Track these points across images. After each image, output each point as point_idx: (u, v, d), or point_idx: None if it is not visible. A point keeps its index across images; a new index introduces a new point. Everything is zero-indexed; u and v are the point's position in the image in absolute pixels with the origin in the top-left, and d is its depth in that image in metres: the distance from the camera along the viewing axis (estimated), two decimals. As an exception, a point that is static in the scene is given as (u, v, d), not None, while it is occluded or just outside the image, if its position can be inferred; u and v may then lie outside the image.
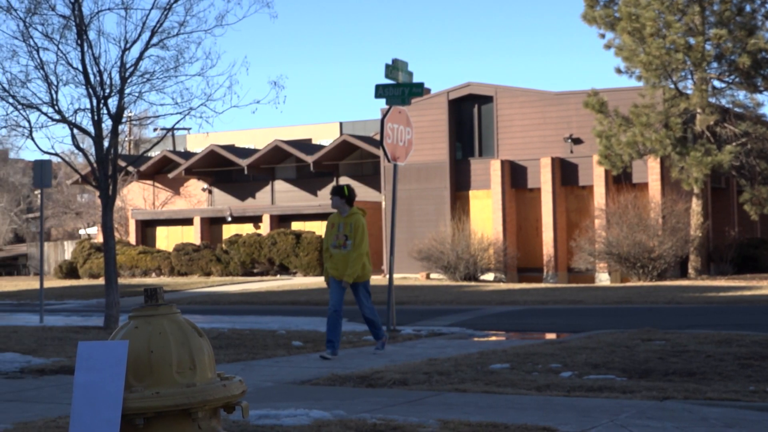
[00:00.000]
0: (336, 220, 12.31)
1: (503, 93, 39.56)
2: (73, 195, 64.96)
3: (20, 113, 17.27)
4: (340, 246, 12.14)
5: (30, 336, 14.84)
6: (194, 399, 3.82)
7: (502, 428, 6.42)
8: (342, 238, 12.13)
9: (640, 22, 33.54)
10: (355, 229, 12.12)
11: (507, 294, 27.65)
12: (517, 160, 39.22)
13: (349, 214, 12.24)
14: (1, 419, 7.01)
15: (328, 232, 12.33)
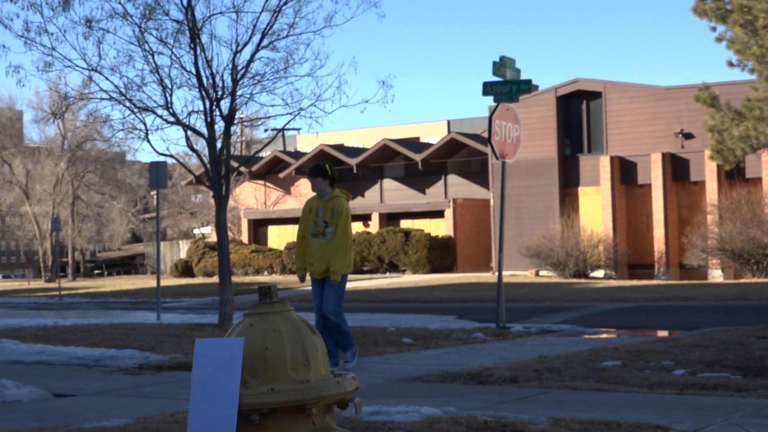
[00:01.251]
0: (314, 204, 10.69)
1: (612, 88, 39.01)
2: (187, 195, 66.42)
3: (137, 116, 17.77)
4: (320, 234, 10.52)
5: (148, 333, 15.23)
6: (308, 395, 3.90)
7: (615, 426, 6.37)
8: (321, 225, 10.53)
9: (752, 14, 32.65)
10: (338, 213, 10.49)
11: (617, 291, 27.28)
12: (627, 156, 38.63)
13: (330, 197, 10.61)
14: (122, 414, 7.23)
15: (305, 218, 10.71)
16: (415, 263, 43.60)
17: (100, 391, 9.07)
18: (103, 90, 17.74)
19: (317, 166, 10.68)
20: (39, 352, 12.37)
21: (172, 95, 17.57)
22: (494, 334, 14.46)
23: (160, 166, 22.13)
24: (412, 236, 44.06)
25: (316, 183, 10.60)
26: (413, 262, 43.67)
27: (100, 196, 66.72)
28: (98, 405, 8.13)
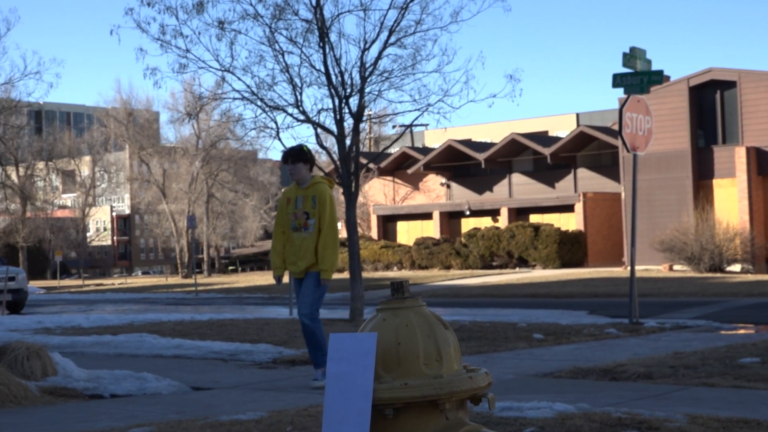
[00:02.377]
0: (292, 193, 9.18)
1: (747, 77, 37.84)
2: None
3: (268, 115, 18.10)
4: (301, 227, 9.03)
5: (281, 328, 15.49)
6: (442, 390, 3.92)
7: (754, 425, 6.20)
8: (302, 217, 9.02)
9: None
10: (320, 202, 8.97)
11: (755, 285, 26.47)
12: (764, 147, 37.42)
13: (309, 184, 9.11)
14: (257, 407, 7.37)
15: (282, 210, 9.24)
16: (545, 258, 43.20)
17: (236, 385, 9.26)
18: (235, 90, 18.17)
19: (296, 149, 9.20)
20: (177, 346, 12.71)
21: (302, 94, 17.85)
22: (627, 329, 14.22)
23: (291, 163, 22.41)
24: (542, 231, 43.67)
25: (297, 169, 9.09)
26: (543, 257, 43.28)
27: (233, 193, 68.19)
28: (234, 398, 8.31)
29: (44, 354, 9.22)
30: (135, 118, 70.81)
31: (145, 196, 76.65)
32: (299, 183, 9.13)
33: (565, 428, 6.03)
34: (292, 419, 6.50)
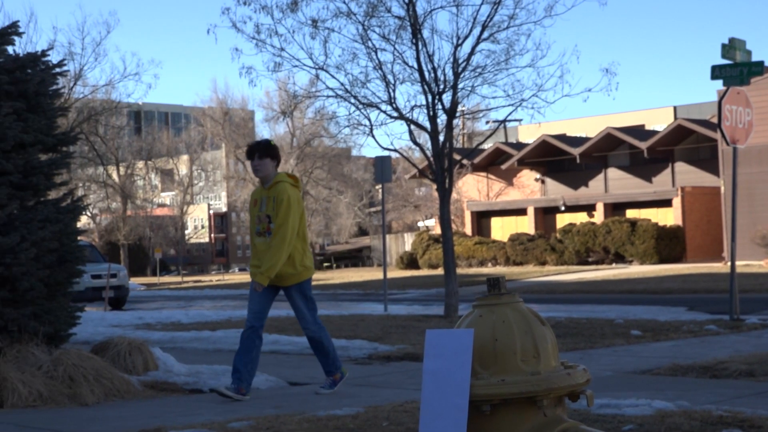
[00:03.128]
0: (258, 194, 8.38)
1: None
2: (411, 189, 67.39)
3: (361, 112, 18.19)
4: (264, 232, 8.20)
5: (376, 324, 15.57)
6: (539, 387, 3.90)
7: None
8: (265, 221, 8.20)
9: None
10: (278, 204, 8.11)
11: None
12: None
13: (272, 183, 8.25)
14: (353, 402, 7.43)
15: (251, 213, 8.44)
16: (642, 254, 42.57)
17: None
18: (329, 88, 18.30)
19: (262, 143, 8.39)
20: (274, 342, 12.87)
21: (395, 90, 17.89)
22: (728, 326, 13.93)
23: (384, 160, 22.57)
24: (639, 226, 43.04)
25: (263, 165, 8.24)
26: (640, 252, 42.66)
27: (327, 191, 68.74)
28: (330, 394, 8.38)
29: (145, 349, 9.44)
30: (231, 117, 71.87)
31: (241, 194, 77.71)
32: (263, 182, 8.29)
33: (664, 426, 5.94)
34: (388, 415, 6.54)
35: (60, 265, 9.18)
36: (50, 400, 7.61)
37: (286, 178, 8.27)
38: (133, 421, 6.75)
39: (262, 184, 8.31)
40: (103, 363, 8.38)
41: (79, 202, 9.72)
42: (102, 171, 64.22)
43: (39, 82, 9.09)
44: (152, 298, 36.46)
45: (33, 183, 8.92)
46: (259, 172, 8.23)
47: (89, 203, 62.37)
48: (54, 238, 8.88)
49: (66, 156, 9.69)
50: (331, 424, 6.21)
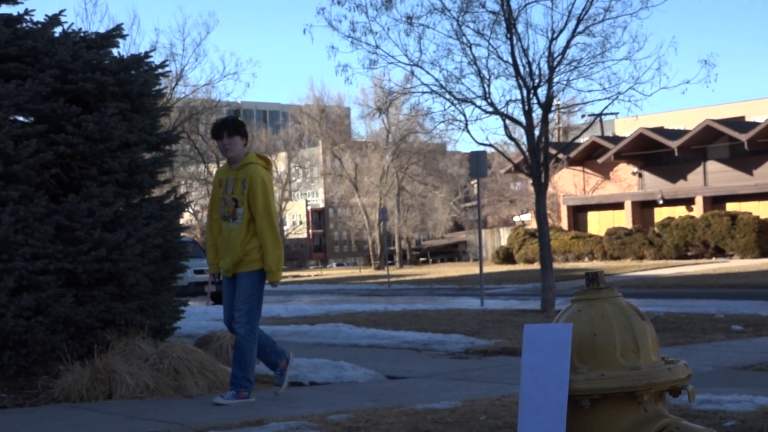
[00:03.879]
0: (224, 174, 7.74)
1: None
2: (506, 183, 67.06)
3: (456, 108, 18.21)
4: (228, 217, 7.60)
5: (472, 318, 15.58)
6: (640, 382, 3.89)
7: None
8: (231, 204, 7.59)
9: None
10: (251, 188, 7.51)
11: None
12: None
13: (242, 164, 7.63)
14: (451, 396, 7.46)
15: (215, 195, 7.82)
16: (743, 247, 41.64)
17: (430, 374, 9.38)
18: (424, 84, 18.35)
19: (231, 120, 7.68)
20: (372, 336, 12.97)
21: (490, 85, 17.89)
22: (834, 322, 13.58)
23: (479, 155, 22.54)
24: (740, 219, 42.11)
25: (233, 144, 7.59)
26: (741, 246, 41.74)
27: (423, 186, 68.82)
28: (428, 387, 8.42)
29: (247, 343, 9.59)
30: (327, 114, 72.47)
31: (338, 190, 78.33)
32: (231, 162, 7.63)
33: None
34: (486, 409, 6.55)
35: (164, 261, 9.43)
36: (156, 392, 7.81)
37: (256, 158, 7.66)
38: (235, 412, 6.89)
39: (229, 164, 7.65)
40: (206, 356, 8.56)
41: (182, 200, 9.96)
42: (203, 168, 65.39)
43: (142, 83, 9.34)
44: (251, 293, 36.85)
45: (138, 181, 9.17)
46: (228, 152, 7.57)
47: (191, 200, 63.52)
48: (158, 234, 9.11)
49: (169, 154, 9.94)
50: (429, 417, 6.24)
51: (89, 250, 8.42)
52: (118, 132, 8.77)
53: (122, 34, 9.67)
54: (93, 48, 9.28)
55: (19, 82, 8.46)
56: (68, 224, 8.36)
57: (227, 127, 7.56)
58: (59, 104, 8.54)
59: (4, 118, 8.28)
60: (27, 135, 8.38)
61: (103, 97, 8.93)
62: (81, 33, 9.51)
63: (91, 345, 8.39)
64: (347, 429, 5.85)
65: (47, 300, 8.09)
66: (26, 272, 7.99)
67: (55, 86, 8.65)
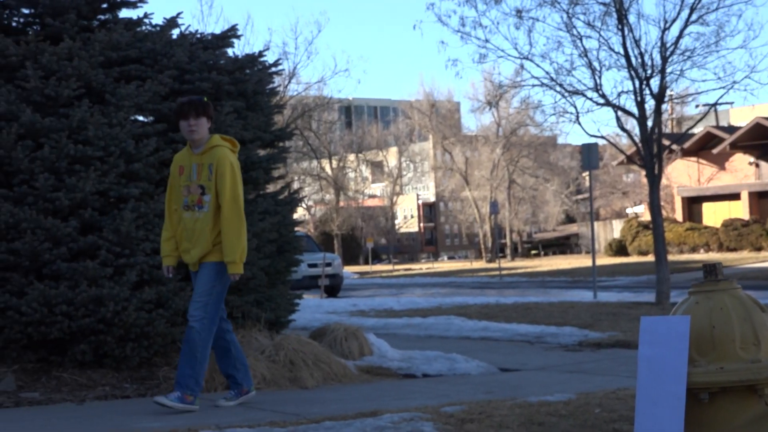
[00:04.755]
0: (185, 160, 7.06)
1: None
2: (618, 175, 66.15)
3: (567, 100, 18.08)
4: (193, 206, 6.94)
5: (585, 311, 15.44)
6: (760, 375, 3.82)
7: None
8: (196, 192, 6.93)
9: None
10: (219, 173, 6.87)
11: None
12: None
13: (205, 148, 6.95)
14: (564, 389, 7.42)
15: (173, 182, 7.12)
16: None
17: (543, 367, 9.35)
18: (534, 77, 18.29)
19: (195, 101, 7.00)
20: (483, 328, 12.99)
21: (601, 77, 17.71)
22: None
23: (591, 147, 22.31)
24: None
25: (200, 126, 6.95)
26: None
27: (534, 179, 68.34)
28: (541, 380, 8.39)
29: (360, 335, 9.72)
30: (437, 109, 72.53)
31: (448, 184, 78.28)
32: (195, 146, 6.97)
33: None
34: (600, 401, 6.51)
35: (279, 255, 9.60)
36: (273, 383, 7.96)
37: (221, 141, 7.01)
38: (350, 404, 6.96)
39: (191, 147, 6.99)
40: (320, 348, 8.69)
41: (296, 195, 10.13)
42: (316, 164, 66.19)
43: (257, 81, 9.52)
44: (365, 286, 37.29)
45: (253, 177, 9.36)
46: (194, 134, 6.90)
47: (304, 195, 64.35)
48: (273, 229, 9.28)
49: (282, 151, 10.11)
50: (543, 410, 6.22)
51: (207, 244, 8.62)
52: (233, 130, 8.96)
53: (237, 34, 9.86)
54: (209, 48, 9.50)
55: (139, 83, 8.72)
56: (187, 220, 8.58)
57: (195, 107, 6.92)
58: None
59: (125, 118, 8.54)
60: (147, 134, 8.64)
61: (219, 96, 9.14)
62: (197, 34, 9.75)
63: (209, 337, 8.59)
64: (461, 421, 5.85)
65: (167, 293, 8.32)
66: (147, 267, 8.23)
67: (173, 86, 8.88)
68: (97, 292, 7.89)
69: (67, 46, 8.60)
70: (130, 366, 8.31)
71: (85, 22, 9.26)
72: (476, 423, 5.76)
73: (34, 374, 8.01)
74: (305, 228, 62.67)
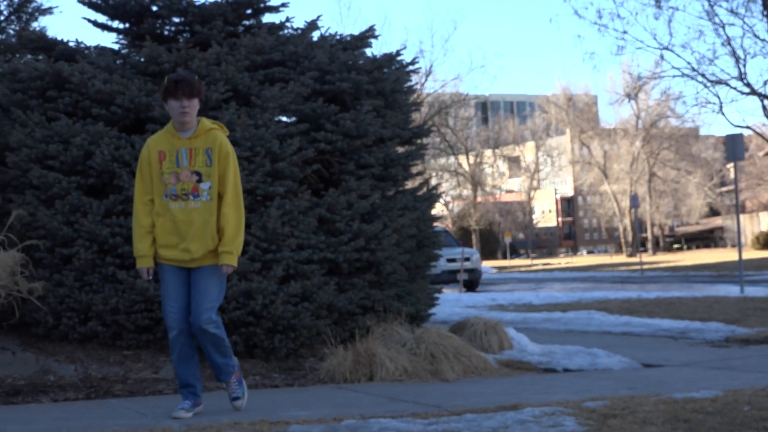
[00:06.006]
0: (166, 144, 6.19)
1: None
2: (765, 166, 64.08)
3: (709, 90, 17.77)
4: (186, 194, 6.12)
5: (732, 306, 15.07)
6: None
7: None
8: (190, 179, 6.12)
9: None
10: (222, 158, 6.17)
11: None
12: None
13: (198, 132, 6.19)
14: (710, 385, 7.28)
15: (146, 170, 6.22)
16: None
17: (687, 363, 9.18)
18: (674, 67, 18.02)
19: (189, 78, 6.18)
20: (625, 323, 12.84)
21: (746, 65, 17.33)
22: None
23: (736, 138, 21.76)
24: None
25: (193, 107, 6.14)
26: None
27: (675, 171, 66.85)
28: (686, 376, 8.23)
29: (500, 329, 9.76)
30: (574, 102, 71.69)
31: (586, 178, 77.26)
32: (181, 129, 6.17)
33: None
34: (749, 399, 6.35)
35: (418, 250, 9.75)
36: (414, 375, 8.07)
37: (214, 125, 6.29)
38: (490, 397, 6.97)
39: (176, 131, 6.18)
40: (460, 342, 8.76)
41: (434, 191, 10.25)
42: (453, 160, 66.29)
43: (395, 80, 9.68)
44: (503, 281, 37.17)
45: (392, 174, 9.52)
46: (187, 116, 6.11)
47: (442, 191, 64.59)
48: (412, 224, 9.43)
49: (420, 148, 10.25)
50: (688, 406, 6.09)
51: (349, 240, 8.83)
52: (373, 128, 9.15)
53: (374, 34, 10.04)
54: (348, 49, 9.71)
55: (282, 85, 8.99)
56: (329, 216, 8.82)
57: (190, 87, 6.11)
58: (318, 104, 9.01)
59: (270, 119, 8.83)
60: (290, 134, 8.90)
61: (358, 95, 9.33)
62: (337, 36, 9.98)
63: (352, 330, 8.79)
64: (603, 416, 5.77)
65: (312, 288, 8.57)
66: (293, 262, 8.50)
67: (315, 87, 9.12)
68: (247, 286, 8.22)
69: (215, 52, 8.95)
70: (278, 357, 8.59)
71: (231, 28, 9.62)
72: (619, 419, 5.69)
73: (189, 364, 8.35)
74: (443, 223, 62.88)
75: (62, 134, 8.64)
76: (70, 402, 7.10)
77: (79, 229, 8.39)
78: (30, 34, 10.13)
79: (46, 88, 9.01)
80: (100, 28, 10.05)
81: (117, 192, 8.48)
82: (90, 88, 8.74)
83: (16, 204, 8.60)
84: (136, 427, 5.75)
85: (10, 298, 8.05)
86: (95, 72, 8.89)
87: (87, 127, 8.62)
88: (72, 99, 8.87)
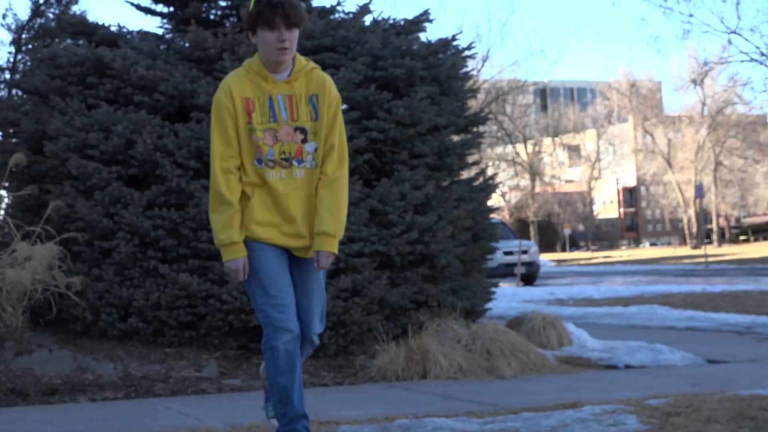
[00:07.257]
0: (259, 90, 4.44)
1: None
2: (835, 155, 62.88)
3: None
4: (290, 159, 4.46)
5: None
6: None
7: None
8: (293, 138, 4.46)
9: None
10: (331, 109, 4.49)
11: None
12: None
13: (295, 71, 4.46)
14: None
15: (232, 125, 4.42)
16: None
17: (754, 359, 8.98)
18: (742, 52, 17.57)
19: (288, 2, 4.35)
20: (689, 318, 12.61)
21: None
22: None
23: (805, 125, 21.22)
24: None
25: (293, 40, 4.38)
26: None
27: (742, 160, 65.92)
28: (752, 372, 8.04)
29: (559, 324, 9.53)
30: (637, 89, 70.89)
31: (650, 167, 76.42)
32: (277, 69, 4.44)
33: None
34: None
35: (474, 243, 9.50)
36: (469, 373, 7.88)
37: (316, 65, 4.58)
38: (549, 394, 6.85)
39: (269, 69, 4.44)
40: (518, 337, 8.55)
41: (491, 181, 9.98)
42: (510, 149, 65.86)
43: (450, 66, 9.43)
44: (562, 274, 36.85)
45: (447, 164, 9.29)
46: (288, 53, 4.38)
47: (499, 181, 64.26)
48: (468, 216, 9.19)
49: (477, 136, 9.99)
50: (755, 404, 5.96)
51: (402, 232, 8.62)
52: (427, 116, 8.91)
53: (429, 18, 9.81)
54: (401, 34, 9.48)
55: (333, 71, 8.78)
56: (381, 208, 8.59)
57: (294, 10, 4.36)
58: (371, 91, 8.78)
59: (321, 107, 8.61)
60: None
61: (412, 81, 9.10)
62: (390, 20, 9.75)
63: (405, 326, 8.59)
64: (666, 414, 5.68)
65: (363, 282, 8.36)
66: (343, 255, 8.29)
67: (367, 73, 8.90)
68: (295, 281, 8.01)
69: (263, 37, 8.75)
70: (327, 354, 8.41)
71: (280, 11, 9.41)
72: (683, 417, 5.58)
73: (235, 361, 8.22)
74: (500, 215, 62.56)
75: (103, 122, 8.52)
76: (108, 401, 7.01)
77: (120, 221, 8.27)
78: (70, 18, 10.05)
79: (86, 74, 8.89)
80: (143, 11, 9.95)
81: (159, 183, 8.34)
82: (132, 74, 8.62)
83: (53, 195, 8.51)
84: (177, 427, 5.63)
85: (47, 293, 7.98)
86: (138, 57, 8.76)
87: (129, 115, 8.50)
88: (113, 86, 8.76)
